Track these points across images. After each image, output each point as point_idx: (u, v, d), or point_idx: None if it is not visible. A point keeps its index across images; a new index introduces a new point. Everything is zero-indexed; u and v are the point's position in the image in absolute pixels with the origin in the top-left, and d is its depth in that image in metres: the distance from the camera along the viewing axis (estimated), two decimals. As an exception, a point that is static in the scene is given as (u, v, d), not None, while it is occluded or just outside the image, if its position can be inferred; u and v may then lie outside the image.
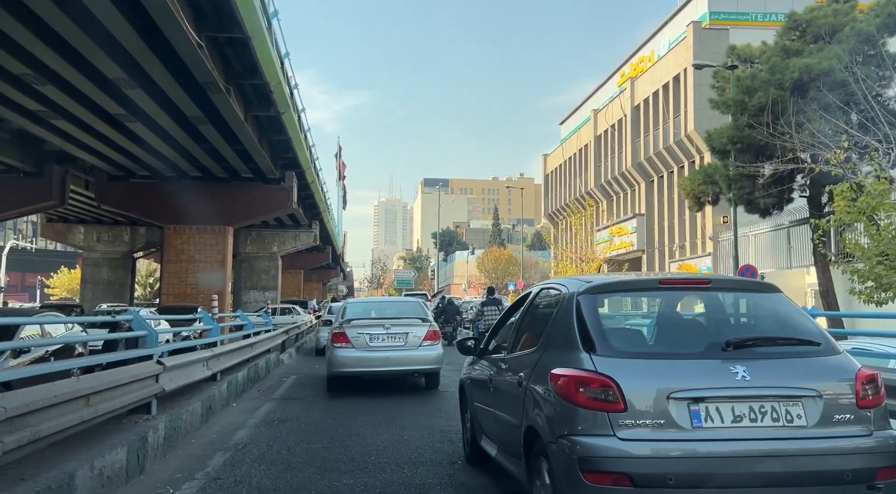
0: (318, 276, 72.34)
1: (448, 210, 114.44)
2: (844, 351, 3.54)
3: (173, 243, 25.24)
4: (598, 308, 3.66)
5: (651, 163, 34.54)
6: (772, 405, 3.16)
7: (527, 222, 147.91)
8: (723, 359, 3.28)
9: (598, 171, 40.96)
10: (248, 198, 25.62)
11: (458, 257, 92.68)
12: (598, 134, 40.95)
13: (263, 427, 7.57)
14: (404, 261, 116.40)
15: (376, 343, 9.88)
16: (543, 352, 3.80)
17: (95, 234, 38.54)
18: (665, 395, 3.14)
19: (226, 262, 25.48)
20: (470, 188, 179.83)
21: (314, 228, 39.85)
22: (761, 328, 3.76)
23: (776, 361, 3.34)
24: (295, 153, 24.39)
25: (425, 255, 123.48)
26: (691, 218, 31.68)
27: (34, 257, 64.17)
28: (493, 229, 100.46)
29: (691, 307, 4.31)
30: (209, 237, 25.42)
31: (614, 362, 3.28)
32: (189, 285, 25.09)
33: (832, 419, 3.17)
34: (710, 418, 3.12)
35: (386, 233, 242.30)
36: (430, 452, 6.18)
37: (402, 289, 58.12)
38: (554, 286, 4.33)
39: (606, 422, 3.12)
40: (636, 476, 3.01)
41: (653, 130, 33.90)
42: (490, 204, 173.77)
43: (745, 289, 4.16)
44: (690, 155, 31.07)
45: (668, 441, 3.10)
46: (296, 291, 56.61)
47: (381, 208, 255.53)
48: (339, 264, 76.84)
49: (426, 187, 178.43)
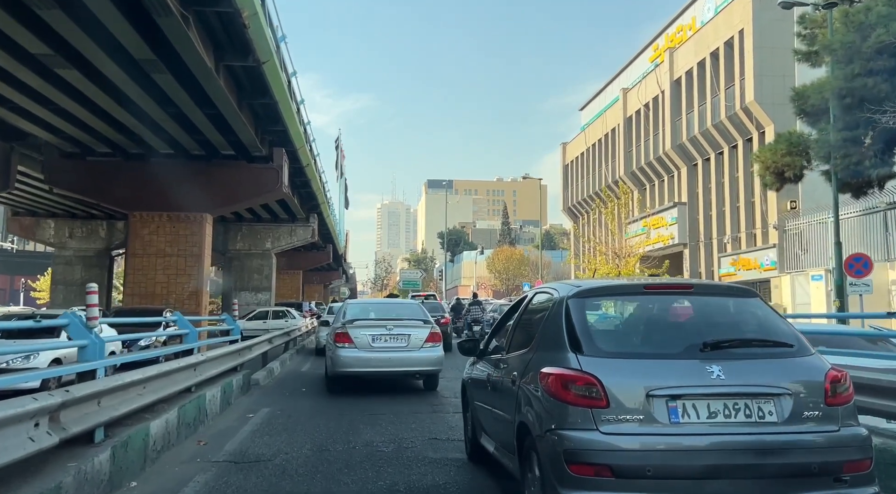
0: (319, 278, 68.53)
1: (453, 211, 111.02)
2: (817, 353, 3.64)
3: (139, 234, 21.10)
4: (586, 311, 3.83)
5: (695, 144, 30.26)
6: (745, 402, 3.31)
7: (532, 223, 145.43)
8: (700, 359, 3.41)
9: (628, 157, 36.73)
10: (229, 180, 21.45)
11: (466, 258, 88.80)
12: (629, 116, 36.71)
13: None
14: (409, 263, 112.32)
15: (379, 344, 9.88)
16: (535, 352, 3.97)
17: (67, 229, 34.73)
18: (645, 392, 3.28)
19: (203, 256, 21.32)
20: (474, 189, 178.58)
21: (312, 222, 35.84)
22: (738, 331, 3.81)
23: (750, 361, 3.48)
24: (284, 125, 20.23)
25: (430, 256, 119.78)
26: (747, 205, 27.41)
27: (16, 259, 60.31)
28: (502, 228, 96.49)
29: (675, 311, 4.20)
30: (183, 226, 21.27)
31: (599, 361, 3.43)
32: (158, 284, 20.95)
33: (801, 415, 3.33)
34: (686, 414, 3.28)
35: (389, 236, 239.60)
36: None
37: (409, 290, 53.83)
38: (547, 290, 4.50)
39: (590, 417, 3.28)
40: (617, 468, 3.16)
41: (697, 106, 29.63)
42: (495, 205, 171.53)
43: (726, 294, 4.33)
44: (746, 132, 26.81)
45: (647, 435, 3.24)
46: (294, 293, 52.51)
47: (384, 211, 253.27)
48: (341, 266, 72.84)
49: (430, 189, 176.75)
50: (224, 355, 8.98)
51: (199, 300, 21.10)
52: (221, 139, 19.67)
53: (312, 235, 36.03)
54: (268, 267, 35.19)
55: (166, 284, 20.93)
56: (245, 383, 10.31)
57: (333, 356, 9.96)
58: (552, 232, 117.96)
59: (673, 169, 33.02)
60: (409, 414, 8.27)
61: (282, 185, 21.69)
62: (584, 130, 44.38)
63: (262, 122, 20.18)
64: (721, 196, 29.28)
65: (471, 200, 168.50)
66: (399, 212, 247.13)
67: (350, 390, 10.32)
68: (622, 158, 37.20)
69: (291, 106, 19.85)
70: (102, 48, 12.76)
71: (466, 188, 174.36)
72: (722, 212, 29.27)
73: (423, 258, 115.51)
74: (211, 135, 19.09)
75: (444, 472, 5.42)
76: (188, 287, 21.05)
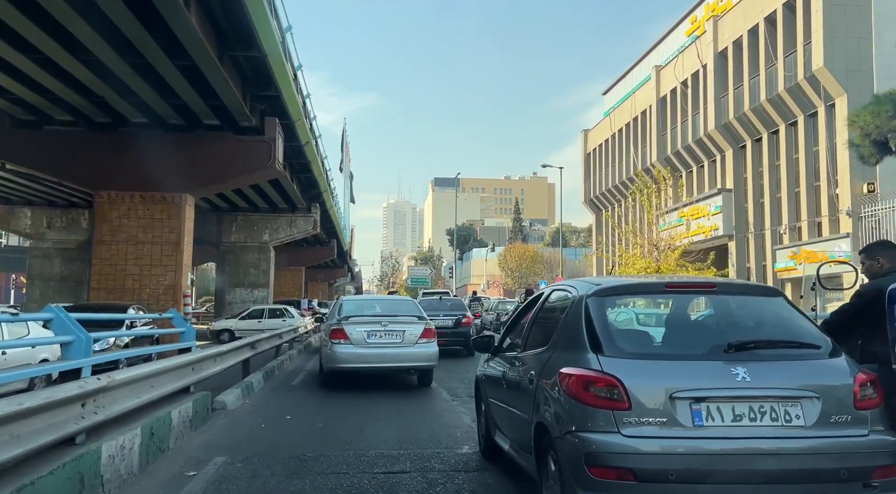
0: (323, 276, 65.47)
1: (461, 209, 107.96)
2: (844, 354, 3.50)
3: (107, 217, 17.90)
4: (606, 310, 3.71)
5: (744, 122, 26.83)
6: (771, 405, 3.20)
7: (541, 221, 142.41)
8: (725, 360, 3.30)
9: (661, 141, 33.32)
10: (214, 154, 18.21)
11: (476, 255, 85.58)
12: (663, 95, 33.29)
13: None
14: (416, 261, 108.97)
15: (374, 340, 9.89)
16: (553, 351, 3.84)
17: (45, 219, 31.73)
18: (668, 394, 3.19)
19: (182, 244, 18.09)
20: (482, 188, 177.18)
21: (314, 212, 32.67)
22: (763, 331, 3.71)
23: (776, 363, 3.37)
24: (277, 89, 16.99)
25: (437, 254, 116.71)
26: (809, 190, 23.98)
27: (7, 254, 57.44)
28: (513, 224, 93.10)
29: (698, 310, 4.22)
30: (159, 209, 18.07)
31: (620, 362, 3.32)
32: (130, 277, 17.76)
33: (830, 419, 3.20)
34: (710, 417, 3.17)
35: (395, 235, 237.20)
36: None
37: (418, 288, 50.52)
38: (565, 288, 4.37)
39: (611, 420, 3.17)
40: (639, 472, 3.06)
41: (748, 80, 26.21)
42: (503, 204, 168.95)
43: (749, 293, 4.22)
44: (809, 105, 23.40)
45: (670, 438, 3.15)
46: (296, 291, 49.50)
47: (390, 210, 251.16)
48: (346, 263, 69.56)
49: (437, 187, 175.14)
50: (154, 373, 5.69)
51: (177, 296, 17.89)
52: (201, 103, 16.42)
53: (314, 226, 32.87)
54: (265, 261, 32.07)
55: (139, 276, 17.74)
56: (201, 410, 7.05)
57: (329, 351, 10.00)
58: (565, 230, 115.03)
59: (715, 153, 29.59)
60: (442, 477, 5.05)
61: (275, 161, 18.43)
62: (609, 115, 40.94)
63: (251, 84, 16.93)
64: (775, 181, 25.85)
65: (478, 198, 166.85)
66: (405, 211, 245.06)
67: (352, 426, 7.19)
68: (655, 143, 33.78)
69: (286, 67, 16.59)
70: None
71: (474, 186, 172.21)
72: (777, 199, 25.82)
73: (431, 257, 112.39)
74: (188, 96, 15.83)
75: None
76: (164, 281, 17.85)
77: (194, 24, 12.08)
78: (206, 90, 15.53)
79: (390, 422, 7.40)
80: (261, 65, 15.52)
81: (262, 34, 13.74)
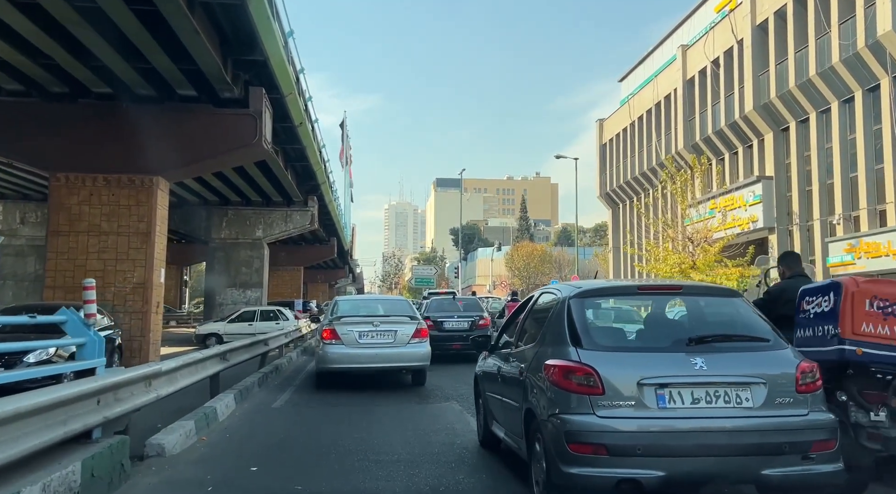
0: (323, 276, 62.87)
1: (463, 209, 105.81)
2: (791, 346, 4.06)
3: (65, 204, 15.24)
4: (585, 310, 4.25)
5: (788, 101, 24.10)
6: (724, 390, 3.71)
7: (544, 222, 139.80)
8: (686, 352, 3.82)
9: (689, 126, 30.60)
10: (190, 130, 15.51)
11: (481, 255, 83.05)
12: (690, 77, 30.58)
13: None
14: (418, 261, 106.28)
15: (365, 340, 9.97)
16: (540, 346, 4.38)
17: (19, 214, 29.52)
18: (636, 381, 3.68)
19: (153, 235, 15.43)
20: (484, 188, 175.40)
21: (311, 206, 30.08)
22: (720, 327, 4.22)
23: (730, 354, 3.89)
24: (264, 53, 14.35)
25: (440, 255, 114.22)
26: (869, 174, 21.23)
27: None
28: (520, 223, 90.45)
29: (666, 309, 4.65)
30: (126, 194, 15.41)
31: (596, 354, 3.83)
32: (92, 273, 15.06)
33: (775, 401, 3.72)
34: (672, 400, 3.67)
35: (397, 237, 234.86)
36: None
37: (423, 289, 47.85)
38: (551, 291, 4.92)
39: (588, 403, 3.68)
40: (611, 447, 3.54)
41: (794, 53, 23.50)
42: (506, 204, 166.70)
43: (711, 294, 4.88)
44: (870, 77, 20.70)
45: (638, 418, 3.63)
46: (295, 292, 46.85)
47: (392, 212, 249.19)
48: (347, 263, 66.86)
49: (439, 187, 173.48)
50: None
51: (148, 296, 15.23)
52: (173, 68, 13.75)
53: (311, 221, 30.27)
54: (258, 259, 29.46)
55: (102, 273, 15.06)
56: (107, 469, 4.39)
57: (321, 352, 10.18)
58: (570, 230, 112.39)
59: (752, 137, 26.87)
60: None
61: (262, 138, 15.74)
62: (628, 102, 38.21)
63: (231, 47, 14.26)
64: (826, 165, 23.13)
65: (481, 198, 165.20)
66: (407, 212, 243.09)
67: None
68: (681, 128, 31.07)
69: (272, 24, 13.94)
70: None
71: (476, 187, 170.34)
72: (828, 185, 23.10)
73: (434, 257, 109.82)
74: (154, 57, 13.16)
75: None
76: (132, 277, 15.20)
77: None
78: (176, 50, 12.87)
79: (403, 474, 4.78)
80: (241, 20, 12.87)
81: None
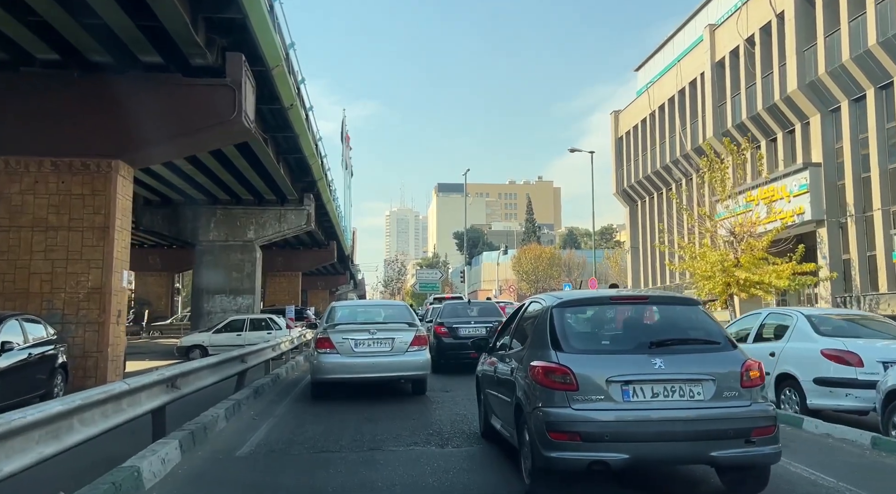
0: (323, 282, 60.25)
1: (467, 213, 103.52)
2: (740, 348, 4.85)
3: (3, 193, 12.56)
4: (565, 318, 5.00)
5: (839, 78, 21.49)
6: (679, 386, 4.47)
7: (547, 226, 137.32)
8: (648, 354, 4.57)
9: (719, 112, 28.00)
10: (156, 104, 12.84)
11: (486, 259, 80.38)
12: (720, 59, 27.99)
13: None
14: (421, 266, 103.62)
15: (361, 349, 9.74)
16: (528, 349, 5.13)
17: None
18: (605, 379, 4.43)
19: (112, 230, 12.78)
20: (486, 192, 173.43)
21: (307, 205, 27.48)
22: (679, 332, 4.96)
23: (685, 355, 4.66)
24: (242, 9, 11.80)
25: (443, 260, 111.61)
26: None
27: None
28: (527, 225, 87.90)
29: (632, 316, 5.35)
30: (79, 182, 12.78)
31: (572, 356, 4.59)
32: (37, 276, 12.47)
33: (722, 395, 4.48)
34: (636, 394, 4.42)
35: (398, 243, 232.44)
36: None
37: (428, 294, 45.24)
38: (538, 300, 5.68)
39: (565, 398, 4.42)
40: (584, 434, 4.29)
41: (848, 23, 20.93)
42: (508, 209, 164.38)
43: (674, 303, 5.62)
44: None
45: (606, 410, 4.38)
46: (293, 299, 44.23)
47: (393, 218, 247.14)
48: (348, 269, 64.19)
49: (441, 192, 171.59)
50: None
51: (106, 303, 12.57)
52: (130, 24, 11.08)
53: (308, 221, 27.65)
54: (250, 263, 26.80)
55: (50, 275, 12.45)
56: None
57: (316, 362, 9.92)
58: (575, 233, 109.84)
59: (794, 121, 24.24)
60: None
61: (241, 114, 13.09)
62: (646, 92, 35.62)
63: (202, 1, 11.74)
64: (886, 148, 20.51)
65: (483, 202, 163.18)
66: (408, 219, 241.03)
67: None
68: (710, 115, 28.45)
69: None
70: None
71: (478, 191, 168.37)
72: (890, 172, 20.47)
73: (436, 262, 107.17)
74: (105, 8, 10.57)
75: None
76: (87, 281, 12.54)
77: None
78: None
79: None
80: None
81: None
